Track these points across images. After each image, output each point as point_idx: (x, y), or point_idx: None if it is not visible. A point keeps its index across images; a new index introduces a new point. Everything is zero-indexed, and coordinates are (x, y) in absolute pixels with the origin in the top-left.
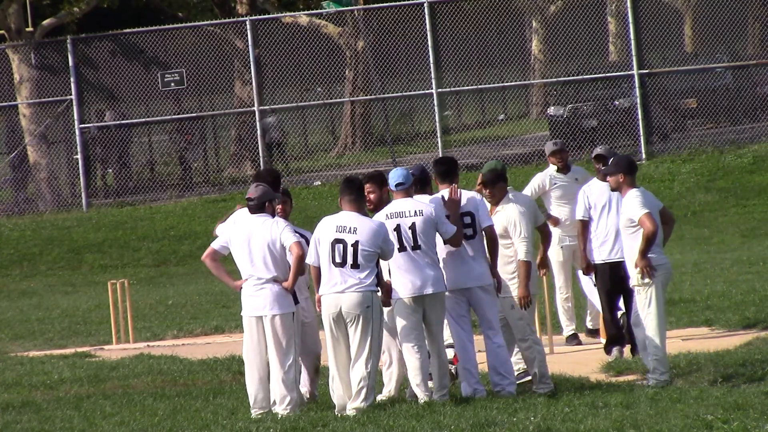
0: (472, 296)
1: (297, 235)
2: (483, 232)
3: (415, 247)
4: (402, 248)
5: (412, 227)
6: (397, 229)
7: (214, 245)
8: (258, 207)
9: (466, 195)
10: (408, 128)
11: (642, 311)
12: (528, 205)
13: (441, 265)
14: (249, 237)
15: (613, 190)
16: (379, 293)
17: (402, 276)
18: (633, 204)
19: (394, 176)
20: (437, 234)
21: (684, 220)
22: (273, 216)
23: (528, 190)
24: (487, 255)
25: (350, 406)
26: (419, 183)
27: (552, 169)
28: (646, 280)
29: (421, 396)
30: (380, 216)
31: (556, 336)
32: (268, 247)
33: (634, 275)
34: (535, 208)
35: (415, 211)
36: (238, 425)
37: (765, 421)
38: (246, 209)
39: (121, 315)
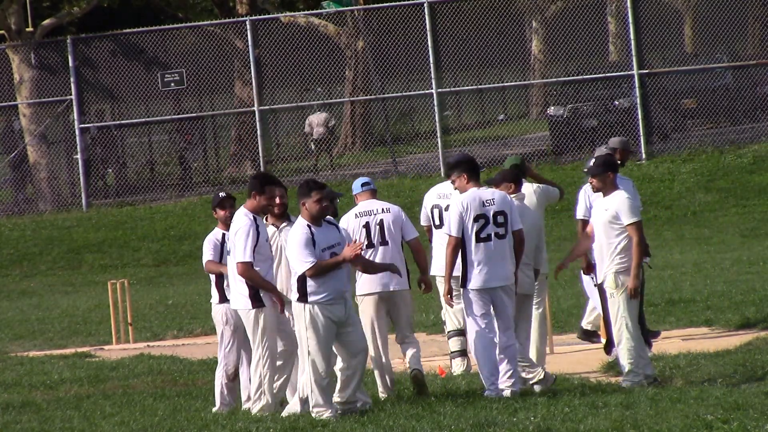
0: (495, 296)
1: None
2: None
3: (383, 242)
4: (370, 245)
5: (380, 224)
6: (366, 226)
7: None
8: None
9: (499, 194)
10: (408, 128)
11: (616, 314)
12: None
13: (474, 263)
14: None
15: (596, 191)
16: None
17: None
18: (625, 206)
19: (359, 180)
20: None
21: (684, 220)
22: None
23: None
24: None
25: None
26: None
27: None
28: (620, 285)
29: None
30: (349, 216)
31: (555, 336)
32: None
33: (602, 273)
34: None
35: (383, 209)
36: (238, 425)
37: (765, 421)
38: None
39: (121, 315)
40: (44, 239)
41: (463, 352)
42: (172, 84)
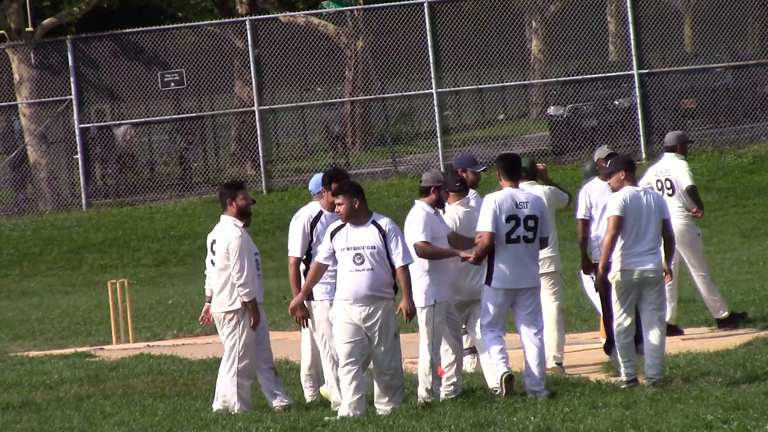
0: (518, 297)
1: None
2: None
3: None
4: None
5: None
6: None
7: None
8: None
9: (533, 198)
10: (408, 128)
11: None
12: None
13: (500, 263)
14: None
15: (614, 190)
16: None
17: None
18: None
19: (316, 180)
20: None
21: None
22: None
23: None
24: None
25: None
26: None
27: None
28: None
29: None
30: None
31: None
32: None
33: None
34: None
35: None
36: (238, 425)
37: (765, 421)
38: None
39: (121, 315)
40: (44, 239)
41: (472, 350)
42: (172, 84)
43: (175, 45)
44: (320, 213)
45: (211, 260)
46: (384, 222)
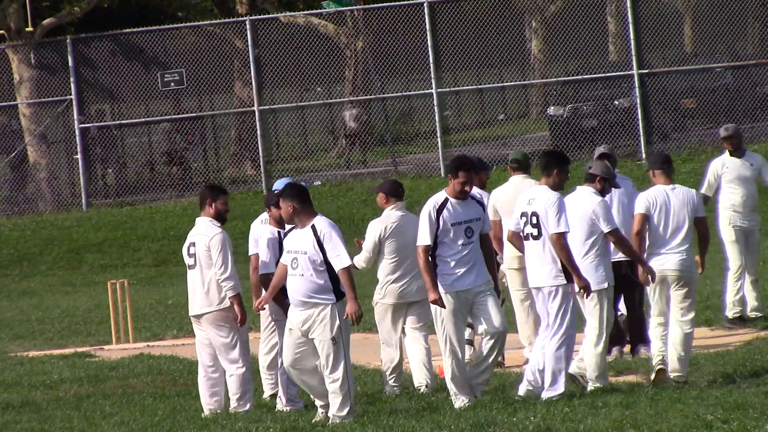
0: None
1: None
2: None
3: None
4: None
5: None
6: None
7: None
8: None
9: (540, 193)
10: (408, 128)
11: None
12: None
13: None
14: None
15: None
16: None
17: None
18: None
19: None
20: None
21: None
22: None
23: (707, 178)
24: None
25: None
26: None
27: (725, 153)
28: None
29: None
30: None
31: None
32: None
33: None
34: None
35: None
36: (238, 425)
37: (765, 421)
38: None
39: (121, 315)
40: (44, 239)
41: (469, 342)
42: (172, 84)
43: (175, 45)
44: (446, 200)
45: (189, 264)
46: (320, 225)
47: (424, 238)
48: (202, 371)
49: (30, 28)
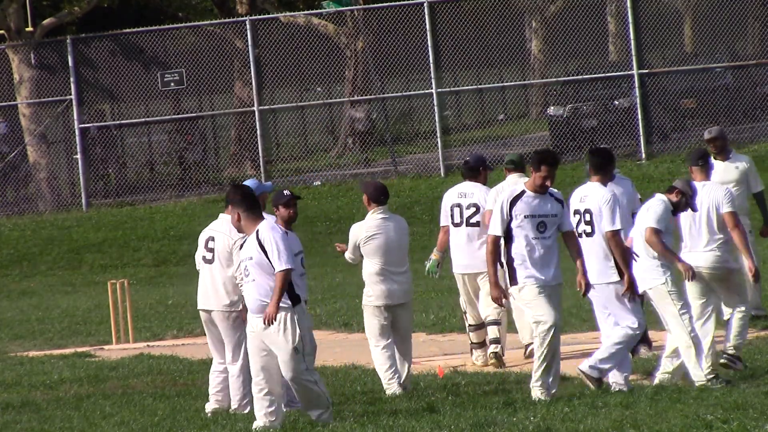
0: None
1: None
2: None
3: None
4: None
5: None
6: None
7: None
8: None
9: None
10: (408, 128)
11: None
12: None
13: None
14: None
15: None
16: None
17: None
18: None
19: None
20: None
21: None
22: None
23: None
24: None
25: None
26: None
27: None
28: None
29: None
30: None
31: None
32: None
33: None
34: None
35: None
36: (238, 425)
37: (765, 421)
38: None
39: (121, 315)
40: (44, 239)
41: (482, 344)
42: (172, 84)
43: (175, 45)
44: (522, 192)
45: (203, 257)
46: (262, 229)
47: (495, 229)
48: (214, 364)
49: (30, 28)
